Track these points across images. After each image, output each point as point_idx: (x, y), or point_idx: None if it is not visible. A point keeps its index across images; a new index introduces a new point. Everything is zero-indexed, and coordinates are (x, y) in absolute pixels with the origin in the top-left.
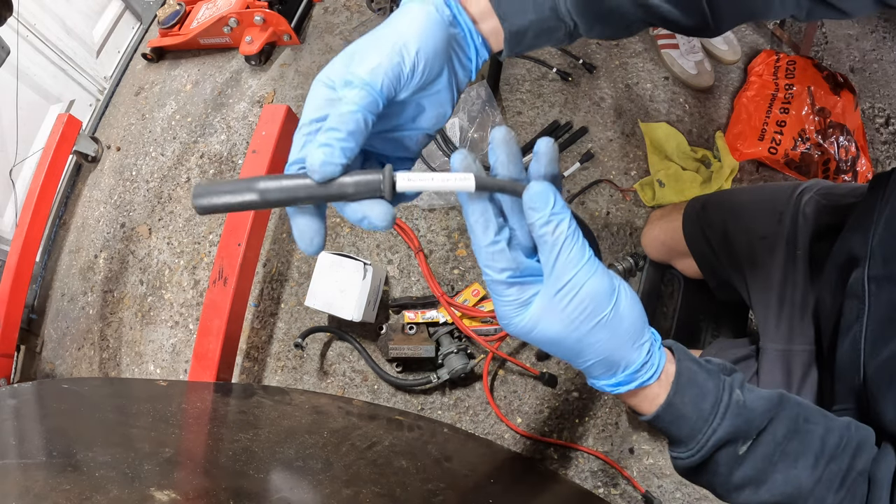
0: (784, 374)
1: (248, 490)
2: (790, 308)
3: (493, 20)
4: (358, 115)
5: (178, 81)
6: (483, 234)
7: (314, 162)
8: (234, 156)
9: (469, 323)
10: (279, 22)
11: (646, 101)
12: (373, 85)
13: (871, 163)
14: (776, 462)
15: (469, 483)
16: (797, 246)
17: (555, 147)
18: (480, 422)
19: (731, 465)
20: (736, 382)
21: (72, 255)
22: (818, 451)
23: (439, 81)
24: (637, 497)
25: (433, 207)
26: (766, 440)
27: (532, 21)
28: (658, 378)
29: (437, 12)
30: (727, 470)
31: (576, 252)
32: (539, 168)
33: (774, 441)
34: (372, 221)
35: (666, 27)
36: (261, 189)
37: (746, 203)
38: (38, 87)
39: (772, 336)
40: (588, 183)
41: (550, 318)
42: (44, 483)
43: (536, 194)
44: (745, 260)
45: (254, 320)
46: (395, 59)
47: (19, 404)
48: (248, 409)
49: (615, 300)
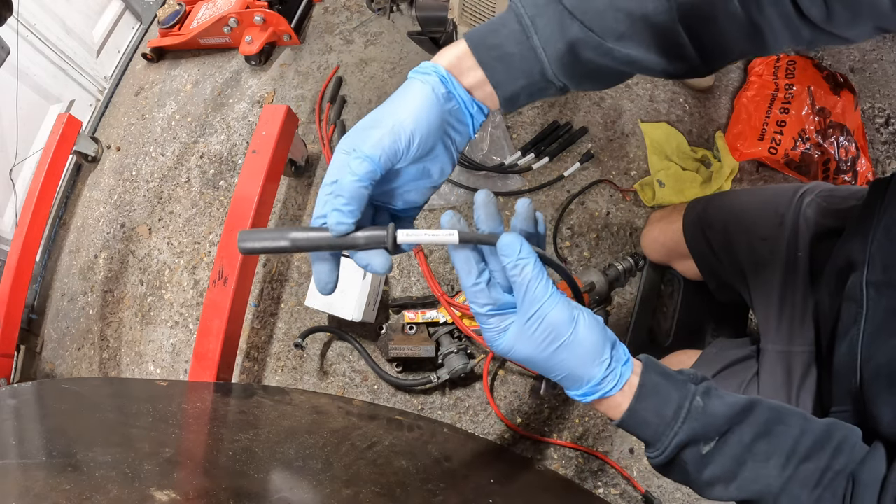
0: (784, 375)
1: (248, 490)
2: (790, 309)
3: (488, 87)
4: (359, 184)
5: (178, 81)
6: (467, 277)
7: (331, 222)
8: (234, 156)
9: (469, 323)
10: (279, 22)
11: (646, 101)
12: (372, 158)
13: (871, 163)
14: (745, 461)
15: (469, 483)
16: (798, 248)
17: (531, 207)
18: (480, 422)
19: (698, 464)
20: (700, 391)
21: (72, 255)
22: (790, 450)
23: (436, 149)
24: (637, 497)
25: (433, 207)
26: (733, 441)
27: (523, 86)
28: (621, 389)
29: (434, 93)
30: (695, 468)
31: (540, 289)
32: (516, 223)
33: (741, 443)
34: (374, 268)
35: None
36: (292, 238)
37: (747, 205)
38: (38, 87)
39: (772, 337)
40: (588, 183)
41: (523, 341)
42: (44, 483)
43: (506, 245)
44: (746, 261)
45: (254, 320)
46: (393, 139)
47: (19, 404)
48: (248, 409)
49: (573, 327)
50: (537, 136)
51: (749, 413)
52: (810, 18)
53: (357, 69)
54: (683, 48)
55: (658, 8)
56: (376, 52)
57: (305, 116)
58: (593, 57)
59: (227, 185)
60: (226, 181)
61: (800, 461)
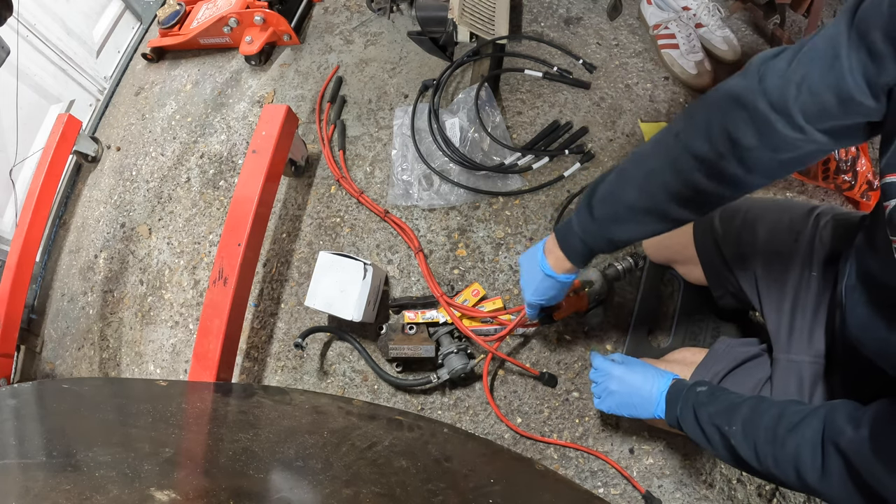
0: (797, 384)
1: (248, 490)
2: (801, 321)
3: (568, 263)
4: (531, 311)
5: (178, 81)
6: None
7: (530, 315)
8: (234, 156)
9: (469, 323)
10: (279, 22)
11: (646, 101)
12: (531, 303)
13: (871, 163)
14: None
15: (469, 483)
16: (812, 268)
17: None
18: (480, 422)
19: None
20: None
21: (72, 255)
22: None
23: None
24: (637, 497)
25: (433, 207)
26: (730, 401)
27: (586, 260)
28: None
29: (547, 274)
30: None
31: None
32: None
33: (733, 405)
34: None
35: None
36: None
37: (762, 218)
38: (38, 87)
39: (783, 347)
40: (588, 183)
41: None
42: (44, 483)
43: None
44: (759, 273)
45: (254, 320)
46: (536, 299)
47: (19, 404)
48: (248, 409)
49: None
50: (537, 136)
51: (752, 399)
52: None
53: (357, 69)
54: (715, 203)
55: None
56: (376, 52)
57: (305, 116)
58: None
59: (227, 185)
60: (226, 181)
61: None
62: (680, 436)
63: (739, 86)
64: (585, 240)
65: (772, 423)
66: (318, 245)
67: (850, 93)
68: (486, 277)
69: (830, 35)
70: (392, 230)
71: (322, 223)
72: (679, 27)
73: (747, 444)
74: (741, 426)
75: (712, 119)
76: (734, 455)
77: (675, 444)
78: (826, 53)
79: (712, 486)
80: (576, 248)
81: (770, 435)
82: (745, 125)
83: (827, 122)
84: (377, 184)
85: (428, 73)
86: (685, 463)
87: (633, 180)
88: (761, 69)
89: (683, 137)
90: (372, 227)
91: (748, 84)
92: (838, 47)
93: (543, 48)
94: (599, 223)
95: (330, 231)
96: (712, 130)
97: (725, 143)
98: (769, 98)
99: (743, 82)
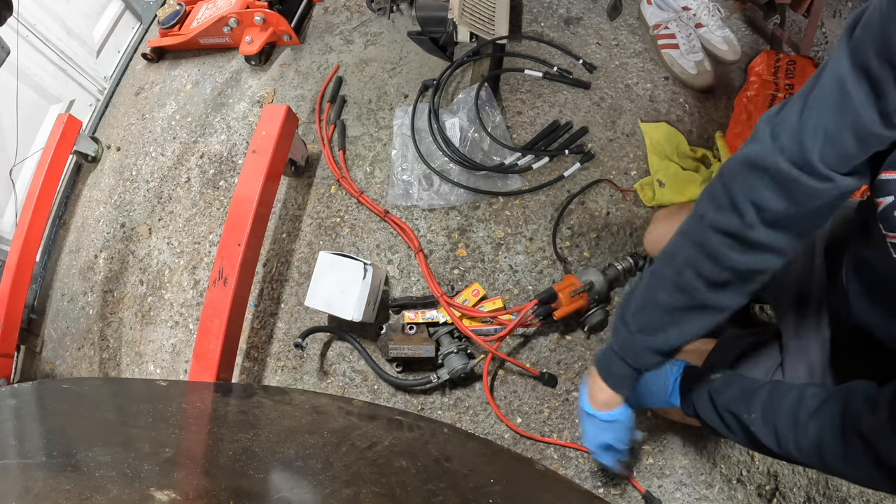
0: (808, 369)
1: (248, 490)
2: (808, 308)
3: (618, 396)
4: (604, 460)
5: (178, 81)
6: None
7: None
8: (234, 156)
9: (469, 323)
10: (279, 22)
11: (646, 101)
12: (596, 456)
13: None
14: (752, 397)
15: (469, 483)
16: (815, 255)
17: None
18: (480, 422)
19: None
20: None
21: (72, 255)
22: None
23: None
24: (637, 497)
25: (433, 207)
26: (747, 386)
27: (633, 384)
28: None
29: (603, 420)
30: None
31: None
32: None
33: (750, 390)
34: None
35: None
36: None
37: None
38: (38, 87)
39: (792, 333)
40: (588, 183)
41: None
42: (44, 483)
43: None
44: None
45: (254, 320)
46: (600, 450)
47: (19, 404)
48: (248, 409)
49: None
50: (537, 136)
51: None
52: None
53: (357, 69)
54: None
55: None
56: (376, 52)
57: (305, 116)
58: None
59: (227, 185)
60: (226, 181)
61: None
62: (679, 436)
63: (754, 151)
64: (627, 359)
65: (792, 408)
66: (318, 245)
67: (867, 128)
68: (486, 277)
69: (834, 71)
70: (392, 230)
71: (322, 223)
72: (679, 27)
73: (767, 430)
74: (760, 413)
75: (734, 191)
76: (753, 441)
77: (675, 444)
78: (834, 93)
79: (712, 486)
80: (621, 374)
81: (791, 420)
82: (770, 190)
83: (850, 165)
84: (377, 184)
85: (428, 73)
86: (685, 463)
87: (666, 279)
88: (773, 129)
89: (709, 218)
90: (372, 227)
91: (763, 147)
92: (844, 82)
93: (543, 48)
94: (639, 337)
95: (330, 231)
96: (737, 202)
97: (751, 212)
98: (788, 156)
99: (757, 147)
